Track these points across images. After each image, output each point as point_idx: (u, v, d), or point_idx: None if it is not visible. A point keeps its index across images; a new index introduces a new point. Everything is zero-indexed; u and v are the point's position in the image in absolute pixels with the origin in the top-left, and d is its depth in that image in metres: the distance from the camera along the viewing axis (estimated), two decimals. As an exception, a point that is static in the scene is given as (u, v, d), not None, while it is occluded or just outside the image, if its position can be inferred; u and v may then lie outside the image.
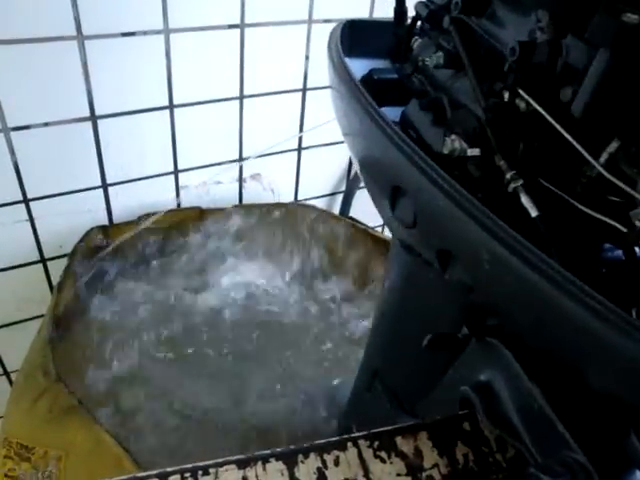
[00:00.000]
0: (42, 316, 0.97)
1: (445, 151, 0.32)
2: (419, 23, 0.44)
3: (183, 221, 0.99)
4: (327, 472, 0.29)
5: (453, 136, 0.32)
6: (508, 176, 0.29)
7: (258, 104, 1.01)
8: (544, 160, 0.30)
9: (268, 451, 0.30)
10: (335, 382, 0.84)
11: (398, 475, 0.30)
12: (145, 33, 0.85)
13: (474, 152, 0.31)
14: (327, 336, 0.92)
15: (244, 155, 1.06)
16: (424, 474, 0.30)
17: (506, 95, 0.31)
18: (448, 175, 0.29)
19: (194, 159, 1.01)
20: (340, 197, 1.25)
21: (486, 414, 0.33)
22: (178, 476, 0.28)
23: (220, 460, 0.29)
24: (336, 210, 1.25)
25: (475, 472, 0.31)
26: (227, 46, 0.92)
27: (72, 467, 0.66)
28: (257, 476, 0.29)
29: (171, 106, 0.93)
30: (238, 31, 0.91)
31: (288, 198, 1.18)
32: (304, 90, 1.04)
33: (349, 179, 1.22)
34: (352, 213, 1.23)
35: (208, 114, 0.97)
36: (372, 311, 0.94)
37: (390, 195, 0.34)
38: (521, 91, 0.30)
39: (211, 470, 0.29)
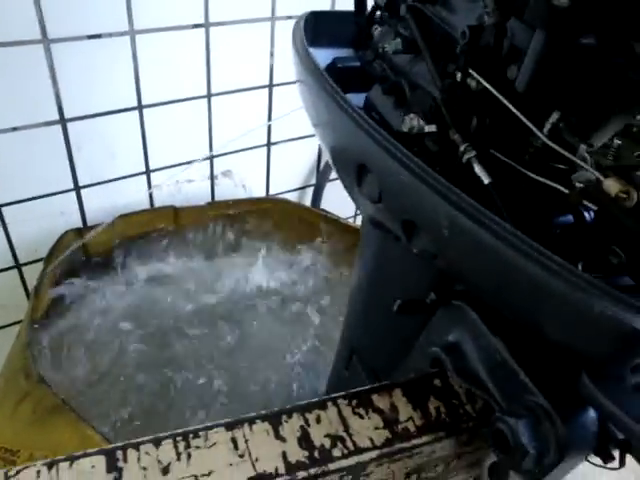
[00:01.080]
0: (17, 323, 0.97)
1: (404, 129, 0.34)
2: (378, 12, 0.46)
3: (157, 220, 1.00)
4: (309, 429, 0.31)
5: (412, 115, 0.34)
6: (462, 148, 0.32)
7: (226, 101, 1.02)
8: (495, 133, 0.33)
9: (253, 414, 0.32)
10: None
11: (376, 429, 0.32)
12: (111, 35, 0.86)
13: (431, 128, 0.34)
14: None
15: (214, 152, 1.07)
16: (400, 426, 0.33)
17: (458, 75, 0.34)
18: (408, 151, 0.31)
19: (165, 158, 1.02)
20: (311, 190, 1.27)
21: (455, 371, 0.36)
22: (170, 440, 0.30)
23: (209, 424, 0.31)
24: (307, 203, 1.28)
25: (447, 422, 0.33)
26: (193, 45, 0.94)
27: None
28: (244, 436, 0.31)
29: (140, 106, 0.94)
30: (203, 30, 0.93)
31: (259, 193, 1.20)
32: (270, 86, 1.06)
33: (319, 172, 1.24)
34: (322, 205, 1.25)
35: (177, 113, 0.98)
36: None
37: (356, 173, 0.37)
38: (472, 71, 0.33)
39: (201, 433, 0.31)
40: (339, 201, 1.33)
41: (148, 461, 0.29)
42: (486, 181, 0.31)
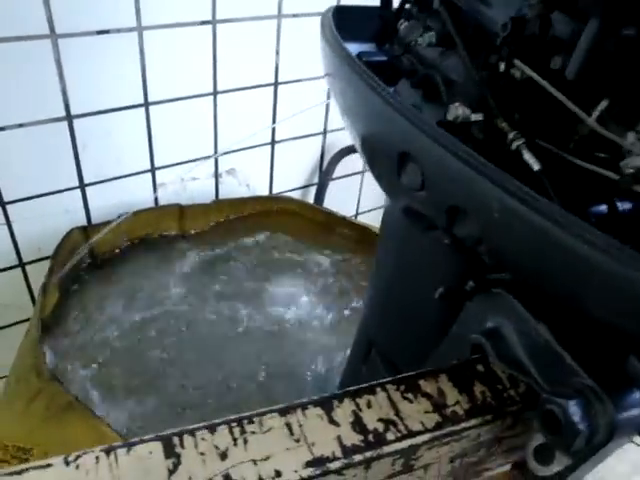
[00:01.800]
0: (20, 322, 0.96)
1: (449, 117, 0.35)
2: (407, 5, 0.47)
3: (163, 219, 1.00)
4: (362, 414, 0.32)
5: (457, 103, 0.35)
6: (511, 136, 0.33)
7: (231, 99, 1.03)
8: (539, 122, 0.34)
9: (305, 399, 0.32)
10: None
11: (426, 412, 0.33)
12: (119, 31, 0.85)
13: (477, 117, 0.34)
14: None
15: (219, 150, 1.07)
16: (448, 410, 0.33)
17: (502, 66, 0.34)
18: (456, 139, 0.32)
19: (170, 156, 1.02)
20: (313, 189, 1.27)
21: (498, 356, 0.36)
22: (225, 426, 0.30)
23: (263, 409, 0.31)
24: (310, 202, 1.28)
25: (493, 406, 0.34)
26: (200, 42, 0.94)
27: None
28: (299, 421, 0.31)
29: (146, 104, 0.94)
30: (210, 27, 0.93)
31: (263, 192, 1.20)
32: (276, 84, 1.06)
33: (321, 171, 1.25)
34: (325, 204, 1.26)
35: (183, 110, 0.98)
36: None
37: (397, 162, 0.37)
38: (517, 61, 0.33)
39: (255, 419, 0.31)
40: (341, 200, 1.34)
41: (205, 447, 0.29)
42: (536, 167, 0.32)
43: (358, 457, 0.30)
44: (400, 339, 0.59)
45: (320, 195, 1.26)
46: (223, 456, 0.29)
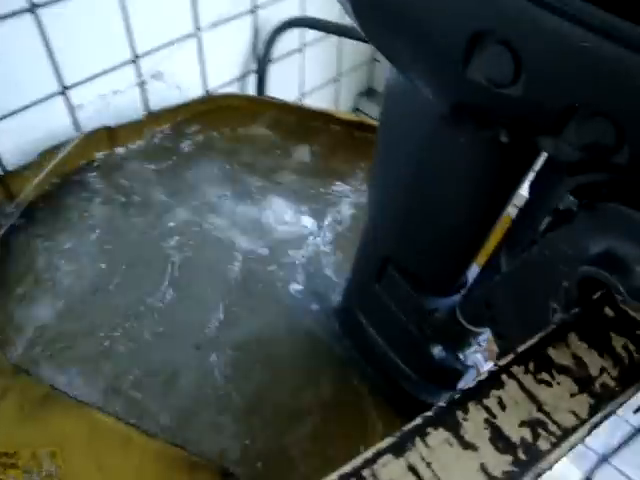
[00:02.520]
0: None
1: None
2: None
3: (89, 147, 0.83)
4: (498, 422, 0.23)
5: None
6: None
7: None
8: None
9: (419, 420, 0.23)
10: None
11: (572, 396, 0.24)
12: None
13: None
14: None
15: (139, 54, 0.88)
16: (597, 384, 0.25)
17: None
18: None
19: (81, 70, 0.83)
20: (252, 79, 1.11)
21: (627, 291, 0.28)
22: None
23: (368, 454, 0.22)
24: (251, 92, 1.12)
25: (645, 363, 0.26)
26: None
27: (74, 458, 0.57)
28: (421, 456, 0.22)
29: (32, 7, 0.73)
30: None
31: (197, 92, 1.03)
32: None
33: (260, 56, 1.07)
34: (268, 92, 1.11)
35: (82, 12, 0.78)
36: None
37: (466, 48, 0.25)
38: None
39: (365, 473, 0.22)
40: (282, 84, 1.18)
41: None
42: None
43: (514, 486, 0.22)
44: (424, 253, 0.50)
45: (262, 83, 1.10)
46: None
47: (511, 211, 0.48)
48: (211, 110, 0.93)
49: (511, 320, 0.38)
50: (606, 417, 0.24)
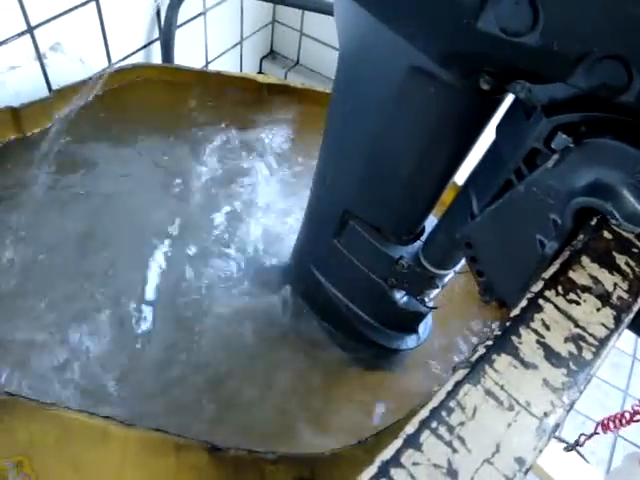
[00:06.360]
0: None
1: None
2: None
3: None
4: (547, 341, 0.26)
5: None
6: None
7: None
8: None
9: (482, 350, 0.25)
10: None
11: (598, 310, 0.27)
12: None
13: None
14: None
15: (33, 24, 0.80)
16: (614, 297, 0.28)
17: None
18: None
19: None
20: (157, 47, 1.05)
21: (621, 215, 0.31)
22: (429, 433, 0.22)
23: (448, 386, 0.23)
24: (157, 61, 1.07)
25: (645, 274, 0.29)
26: None
27: (46, 463, 0.54)
28: (495, 381, 0.24)
29: None
30: None
31: (101, 63, 0.96)
32: None
33: (163, 22, 1.02)
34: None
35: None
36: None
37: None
38: None
39: (452, 404, 0.23)
40: (186, 50, 1.14)
41: (422, 470, 0.22)
42: None
43: (572, 394, 0.24)
44: (392, 203, 0.52)
45: (168, 50, 1.05)
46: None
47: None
48: (122, 85, 0.87)
49: (494, 257, 0.41)
50: (626, 323, 0.28)
